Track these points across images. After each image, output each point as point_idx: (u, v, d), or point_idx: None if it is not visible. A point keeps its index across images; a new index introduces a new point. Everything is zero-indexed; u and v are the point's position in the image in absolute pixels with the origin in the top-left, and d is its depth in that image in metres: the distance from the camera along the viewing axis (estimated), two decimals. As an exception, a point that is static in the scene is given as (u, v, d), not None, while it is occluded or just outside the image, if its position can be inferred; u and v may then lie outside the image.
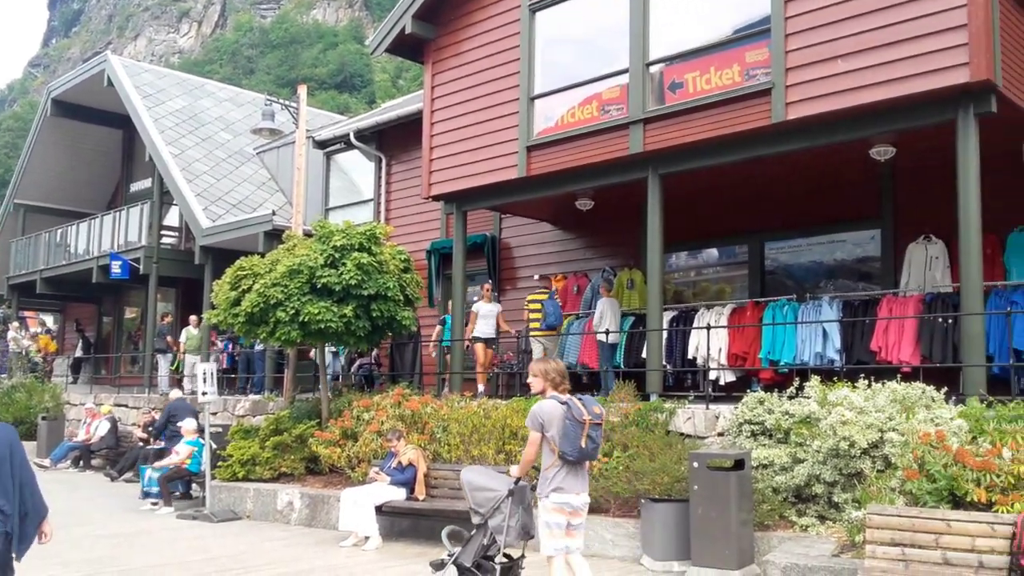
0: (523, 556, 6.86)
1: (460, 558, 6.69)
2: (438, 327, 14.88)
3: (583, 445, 6.10)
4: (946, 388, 8.32)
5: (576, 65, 12.22)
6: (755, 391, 9.60)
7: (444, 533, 7.08)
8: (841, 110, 9.43)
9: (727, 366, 11.86)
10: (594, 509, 9.08)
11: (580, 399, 6.30)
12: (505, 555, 6.68)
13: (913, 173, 11.20)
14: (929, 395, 8.14)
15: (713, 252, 14.04)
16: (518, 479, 6.63)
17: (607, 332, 12.36)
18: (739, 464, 7.94)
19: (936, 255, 11.00)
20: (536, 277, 15.44)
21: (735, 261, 13.63)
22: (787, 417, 8.66)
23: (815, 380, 8.80)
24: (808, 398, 8.68)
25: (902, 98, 9.02)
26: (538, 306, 13.03)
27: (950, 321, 9.97)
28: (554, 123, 12.18)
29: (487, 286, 13.96)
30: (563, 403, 6.22)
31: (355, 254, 12.19)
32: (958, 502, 6.89)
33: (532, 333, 13.03)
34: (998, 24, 8.66)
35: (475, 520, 6.68)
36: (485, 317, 13.47)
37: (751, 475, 8.15)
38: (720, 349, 11.80)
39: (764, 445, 8.74)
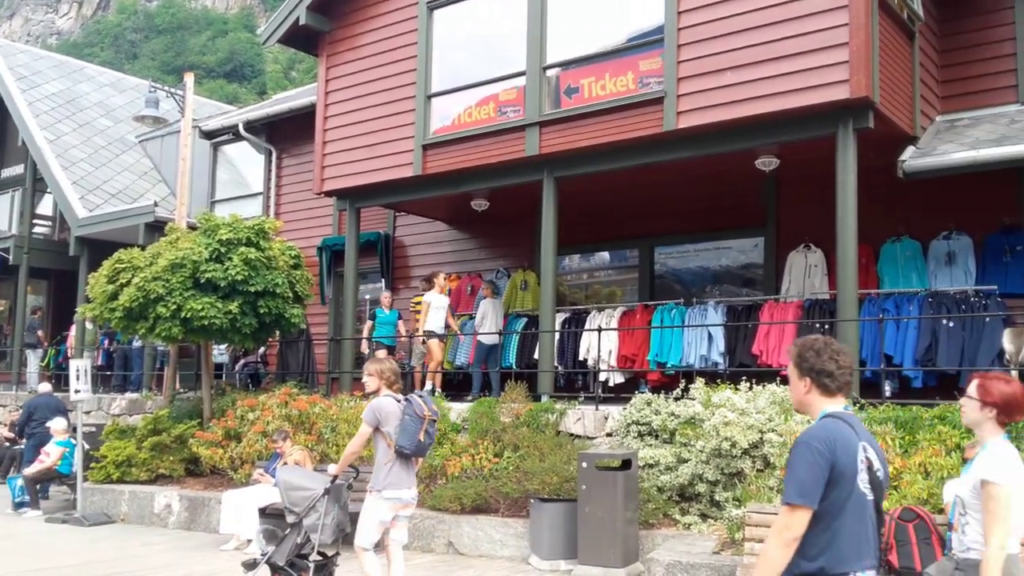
0: (337, 554, 7.01)
1: (273, 557, 6.80)
2: (369, 322, 13.93)
3: (421, 440, 6.40)
4: (822, 391, 8.63)
5: (474, 65, 12.21)
6: (643, 392, 9.79)
7: (257, 532, 7.17)
8: (729, 121, 9.72)
9: (617, 368, 12.06)
10: (483, 509, 9.11)
11: (420, 396, 6.61)
12: (320, 553, 6.78)
13: (796, 184, 11.64)
14: (806, 398, 8.44)
15: (605, 255, 14.27)
16: (335, 477, 6.81)
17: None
18: (626, 464, 8.08)
19: (815, 263, 11.47)
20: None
21: (626, 265, 13.89)
22: (673, 418, 8.86)
23: (700, 382, 9.04)
24: (693, 400, 8.90)
25: (786, 111, 9.36)
26: (426, 307, 12.99)
27: (827, 327, 10.39)
28: (451, 122, 12.13)
29: (440, 274, 12.88)
30: (400, 400, 6.51)
31: (242, 249, 11.84)
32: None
33: (419, 334, 12.91)
34: (877, 43, 9.08)
35: (289, 519, 6.77)
36: (439, 309, 12.52)
37: (638, 475, 8.30)
38: (610, 351, 11.98)
39: (651, 445, 8.92)
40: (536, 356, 11.76)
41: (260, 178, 18.10)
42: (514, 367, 12.53)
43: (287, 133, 17.37)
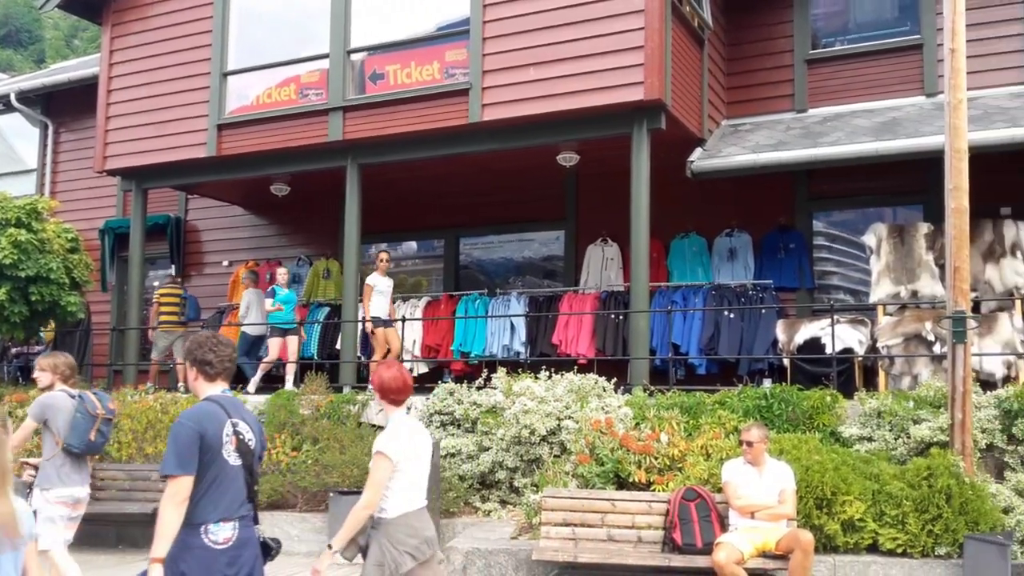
0: None
1: None
2: (267, 301, 11.75)
3: (92, 439, 6.20)
4: (615, 379, 9.03)
5: (275, 44, 11.73)
6: (446, 382, 9.82)
7: None
8: (532, 116, 9.90)
9: (421, 358, 12.05)
10: (279, 505, 8.82)
11: (95, 393, 6.41)
12: None
13: (595, 180, 12.05)
14: (601, 385, 8.79)
15: (412, 245, 14.20)
16: None
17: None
18: (428, 454, 8.06)
19: (611, 257, 11.95)
20: (225, 263, 14.69)
21: (432, 255, 13.89)
22: (475, 407, 8.94)
23: (502, 372, 9.17)
24: (495, 389, 9.02)
25: (586, 109, 9.65)
26: (176, 299, 12.46)
27: (621, 317, 10.87)
28: (250, 102, 11.63)
29: (384, 255, 11.66)
30: (74, 396, 6.25)
31: (11, 230, 10.86)
32: (623, 483, 7.52)
33: (163, 327, 12.32)
34: (670, 49, 9.55)
35: None
36: (383, 293, 11.36)
37: (440, 464, 8.31)
38: (414, 341, 11.95)
39: (453, 434, 8.97)
40: (338, 346, 11.52)
41: (35, 153, 16.62)
42: (315, 358, 12.23)
43: (67, 106, 16.03)
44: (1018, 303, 9.30)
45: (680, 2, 9.91)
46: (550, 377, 8.90)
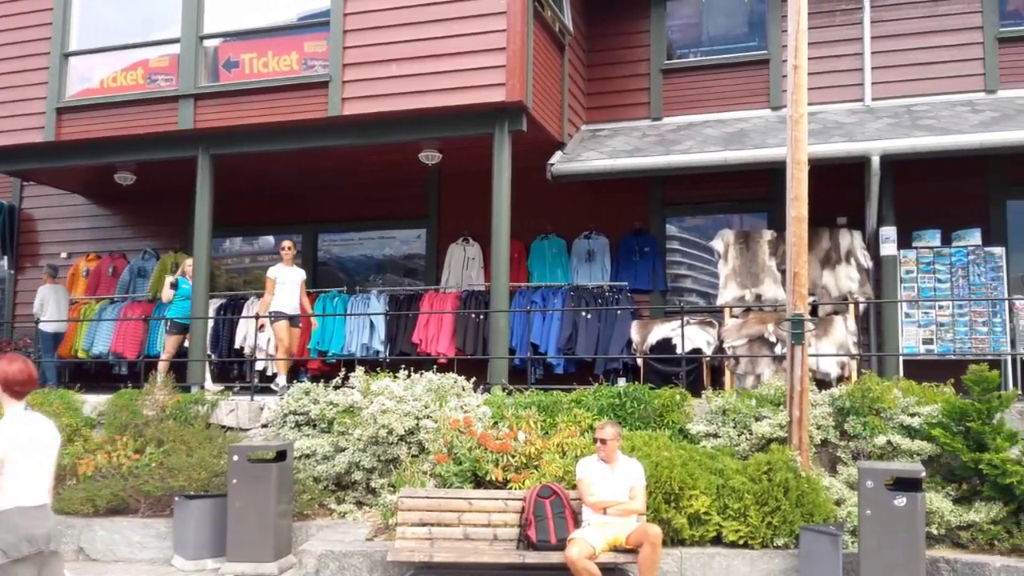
0: None
1: None
2: (170, 292, 11.06)
3: None
4: (475, 378, 9.06)
5: (123, 25, 11.12)
6: (302, 382, 9.60)
7: None
8: (394, 112, 9.81)
9: (276, 356, 11.69)
10: (121, 510, 8.38)
11: None
12: None
13: (457, 179, 12.06)
14: (461, 384, 8.79)
15: (269, 239, 13.78)
16: None
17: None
18: (281, 455, 7.85)
19: (473, 256, 11.98)
20: (64, 255, 13.85)
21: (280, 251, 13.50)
22: (332, 407, 8.77)
23: (360, 371, 9.03)
24: (353, 388, 8.87)
25: (448, 108, 9.64)
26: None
27: (481, 317, 10.91)
28: (94, 86, 11.00)
29: (288, 243, 10.90)
30: None
31: None
32: (480, 482, 7.55)
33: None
34: (531, 52, 9.66)
35: None
36: (286, 284, 10.60)
37: (293, 466, 8.10)
38: (268, 339, 11.60)
39: (308, 435, 8.76)
40: (186, 344, 11.05)
41: None
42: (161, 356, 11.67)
43: None
44: (851, 307, 9.92)
45: (542, 6, 10.05)
46: (409, 376, 8.84)
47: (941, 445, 7.07)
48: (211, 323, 11.32)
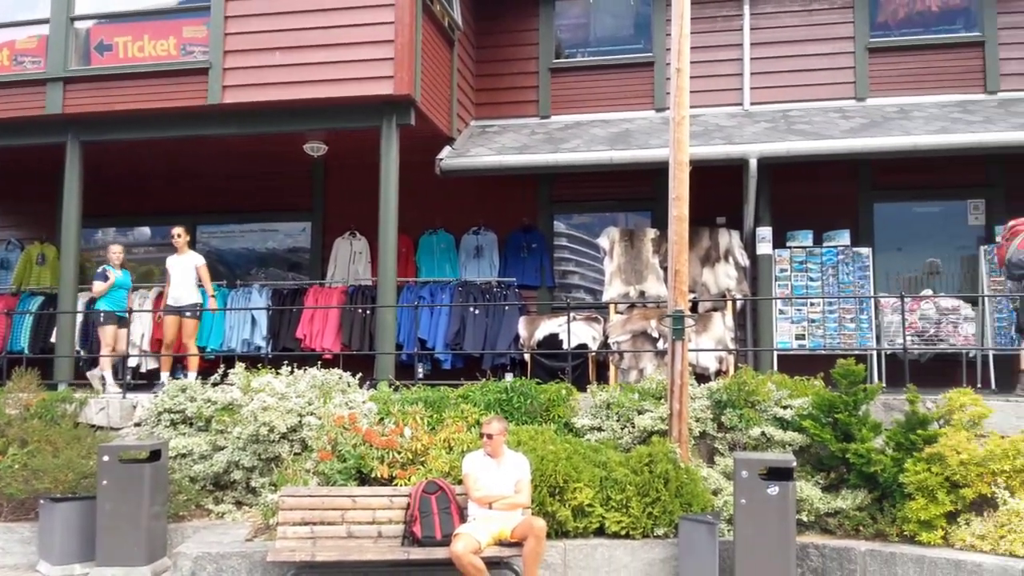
0: None
1: None
2: (99, 284, 10.12)
3: None
4: (361, 374, 8.93)
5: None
6: (179, 378, 9.25)
7: None
8: (277, 102, 9.58)
9: (150, 352, 11.26)
10: (-21, 516, 7.90)
11: None
12: None
13: (343, 172, 11.87)
14: (346, 380, 8.65)
15: (145, 230, 13.24)
16: None
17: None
18: (155, 455, 7.54)
19: (360, 250, 11.83)
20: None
21: (167, 242, 12.96)
22: (210, 405, 8.49)
23: (241, 367, 8.77)
24: (232, 385, 8.61)
25: (333, 99, 9.47)
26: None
27: (368, 312, 10.78)
28: (-48, 65, 10.32)
29: (177, 230, 10.18)
30: None
31: None
32: (365, 479, 7.44)
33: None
34: (420, 45, 9.59)
35: None
36: (175, 275, 9.99)
37: (167, 466, 7.80)
38: (143, 335, 11.15)
39: (184, 434, 8.46)
40: (53, 340, 10.49)
41: None
42: (26, 352, 11.07)
43: None
44: (729, 304, 10.25)
45: (431, 0, 9.99)
46: (292, 372, 8.63)
47: (811, 436, 7.38)
48: (80, 317, 10.77)
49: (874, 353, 9.95)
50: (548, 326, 10.47)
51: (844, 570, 6.69)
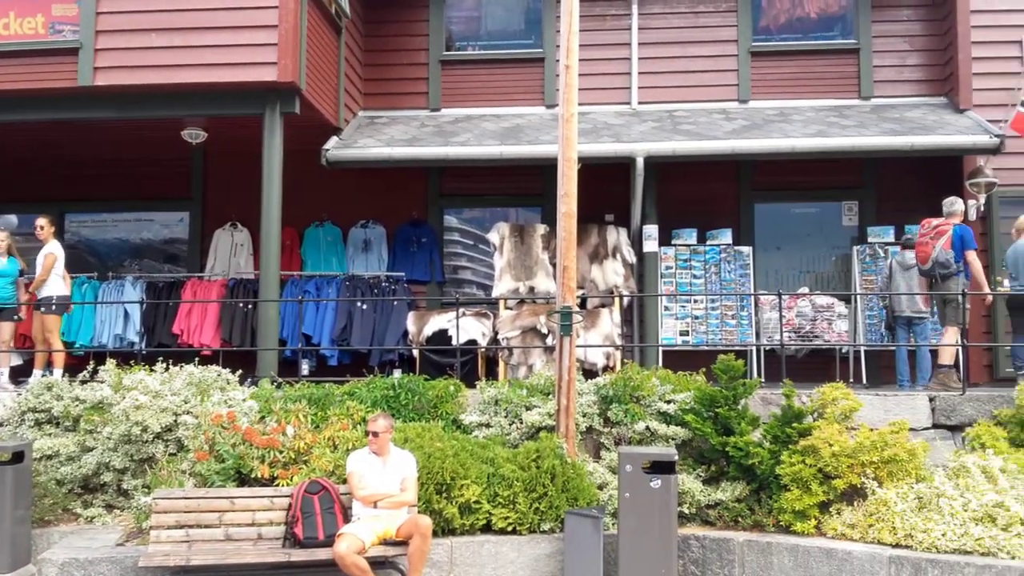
0: None
1: None
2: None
3: None
4: (242, 371, 8.64)
5: None
6: (46, 376, 8.75)
7: None
8: (153, 85, 9.19)
9: (14, 349, 10.59)
10: None
11: None
12: None
13: (225, 160, 11.47)
14: (225, 378, 8.35)
15: (12, 219, 12.44)
16: None
17: None
18: (18, 457, 7.11)
19: (241, 242, 11.45)
20: None
21: (33, 231, 12.29)
22: (78, 403, 8.05)
23: (112, 364, 8.36)
24: (103, 383, 8.20)
25: (214, 84, 9.14)
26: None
27: (250, 306, 10.44)
28: None
29: (40, 222, 9.74)
30: None
31: None
32: (245, 480, 7.19)
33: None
34: (306, 32, 9.33)
35: None
36: (39, 264, 9.54)
37: (31, 468, 7.36)
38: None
39: (50, 434, 8.01)
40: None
41: None
42: None
43: None
44: (617, 300, 10.39)
45: (319, -15, 9.75)
46: (168, 369, 8.28)
47: (693, 430, 7.54)
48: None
49: (753, 349, 10.27)
50: (437, 322, 10.39)
51: (723, 560, 6.86)
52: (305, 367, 10.27)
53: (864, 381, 10.15)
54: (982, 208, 10.44)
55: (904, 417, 7.68)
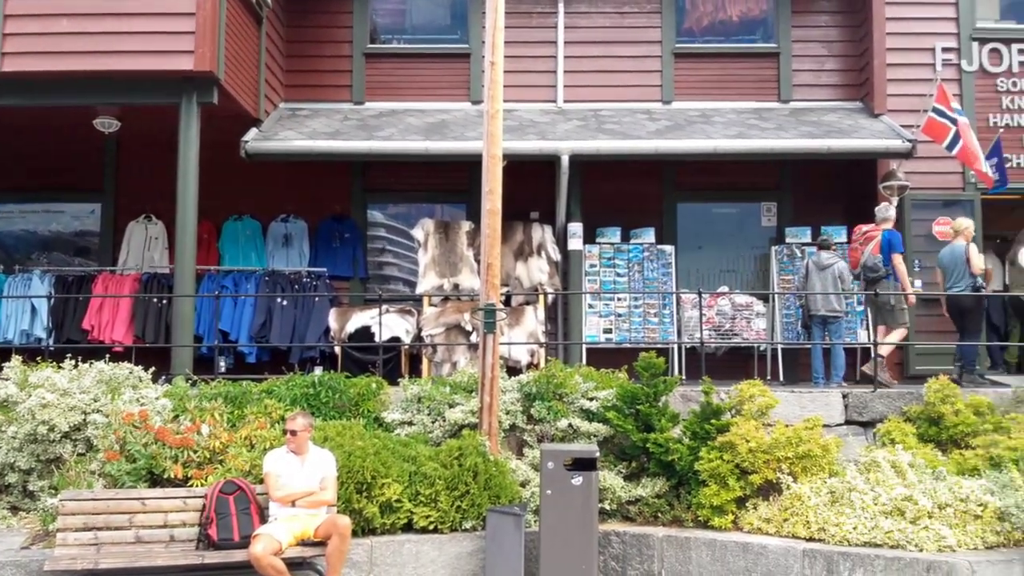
0: None
1: None
2: None
3: None
4: (156, 368, 8.38)
5: None
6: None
7: None
8: (64, 72, 8.81)
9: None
10: None
11: None
12: None
13: (139, 151, 11.11)
14: (137, 375, 8.09)
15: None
16: None
17: None
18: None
19: (156, 236, 11.11)
20: None
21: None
22: (-21, 402, 7.69)
23: (17, 360, 8.02)
24: (7, 380, 7.85)
25: (128, 72, 8.83)
26: None
27: (164, 302, 10.13)
28: None
29: None
30: None
31: None
32: (157, 480, 6.98)
33: None
34: (224, 20, 9.08)
35: None
36: None
37: (-74, 471, 7.01)
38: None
39: (-51, 435, 7.62)
40: None
41: None
42: None
43: None
44: (541, 298, 10.41)
45: (238, -27, 9.51)
46: (77, 367, 7.98)
47: (615, 427, 7.59)
48: None
49: (675, 347, 10.40)
50: (360, 318, 10.25)
51: (643, 556, 6.93)
52: (222, 365, 10.01)
53: (781, 378, 10.39)
54: (895, 211, 10.77)
55: (818, 413, 7.88)
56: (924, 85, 10.69)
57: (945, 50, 11.12)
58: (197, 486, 6.77)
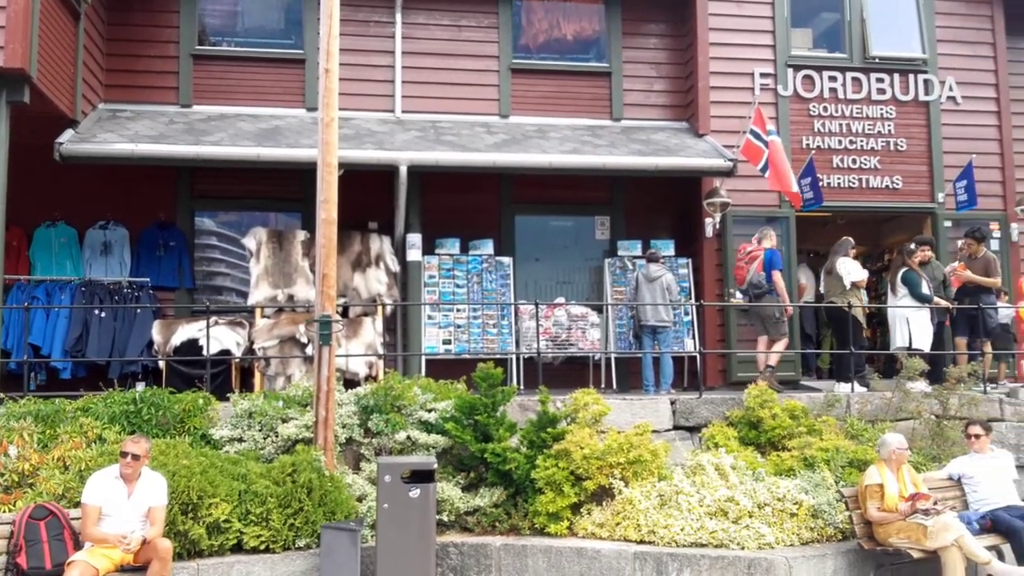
0: None
1: None
2: None
3: None
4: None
5: None
6: None
7: None
8: None
9: None
10: None
11: None
12: None
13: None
14: (-68, 394, 7.39)
15: None
16: None
17: None
18: None
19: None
20: None
21: None
22: None
23: None
24: None
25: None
26: None
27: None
28: None
29: None
30: None
31: None
32: (-47, 509, 6.38)
33: None
34: (38, 15, 8.49)
35: None
36: None
37: None
38: None
39: None
40: None
41: None
42: None
43: None
44: (380, 309, 10.28)
45: (55, -35, 8.90)
46: None
47: (453, 438, 7.58)
48: None
49: (513, 357, 10.53)
50: (187, 331, 9.78)
51: (481, 566, 6.94)
52: (33, 381, 9.29)
53: (614, 386, 10.71)
54: (718, 226, 11.35)
55: (649, 419, 8.17)
56: (744, 108, 11.32)
57: (763, 75, 11.84)
58: (4, 512, 6.24)
